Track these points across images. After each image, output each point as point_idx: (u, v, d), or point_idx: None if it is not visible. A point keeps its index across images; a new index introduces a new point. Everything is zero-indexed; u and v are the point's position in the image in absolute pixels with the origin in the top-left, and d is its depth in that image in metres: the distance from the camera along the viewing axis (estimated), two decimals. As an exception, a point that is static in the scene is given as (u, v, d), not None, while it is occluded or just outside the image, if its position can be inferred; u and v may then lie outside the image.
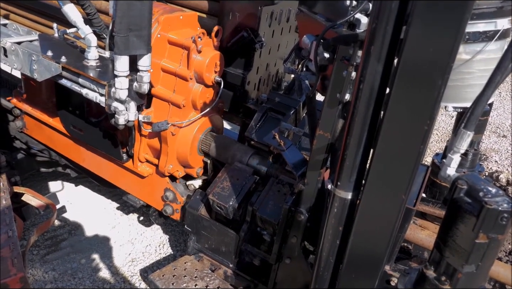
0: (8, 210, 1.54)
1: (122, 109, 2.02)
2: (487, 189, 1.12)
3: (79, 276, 2.71)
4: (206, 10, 2.60)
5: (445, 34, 0.97)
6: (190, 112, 2.29)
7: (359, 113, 1.18)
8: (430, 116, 1.07)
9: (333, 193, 1.34)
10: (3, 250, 1.31)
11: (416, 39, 1.00)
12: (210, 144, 2.39)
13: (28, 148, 3.18)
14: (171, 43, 2.16)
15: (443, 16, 0.96)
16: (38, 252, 2.92)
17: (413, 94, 1.06)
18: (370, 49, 1.10)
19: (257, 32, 2.42)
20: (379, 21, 1.06)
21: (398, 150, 1.14)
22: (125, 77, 1.96)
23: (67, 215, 3.34)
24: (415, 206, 1.78)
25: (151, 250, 2.96)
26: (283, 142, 2.06)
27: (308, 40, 1.70)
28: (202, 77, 2.18)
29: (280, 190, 2.16)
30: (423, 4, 0.95)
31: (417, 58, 1.02)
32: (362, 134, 1.21)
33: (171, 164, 2.35)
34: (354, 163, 1.25)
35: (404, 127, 1.11)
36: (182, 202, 2.46)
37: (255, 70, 2.57)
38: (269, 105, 2.42)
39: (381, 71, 1.11)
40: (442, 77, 1.02)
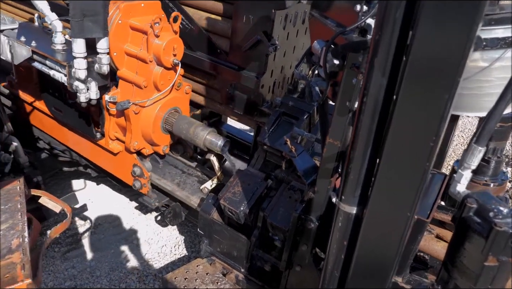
0: (21, 215, 1.58)
1: (83, 88, 2.19)
2: (498, 209, 1.06)
3: (97, 274, 2.77)
4: (221, 12, 2.59)
5: (455, 38, 0.91)
6: (153, 93, 2.42)
7: (363, 126, 1.14)
8: (436, 130, 1.01)
9: (337, 206, 1.31)
10: (14, 256, 1.35)
11: (423, 45, 0.95)
12: (173, 123, 2.48)
13: (51, 148, 3.28)
14: (132, 28, 2.30)
15: (452, 18, 0.90)
16: (59, 249, 3.01)
17: (419, 107, 1.01)
18: (374, 61, 1.06)
19: (270, 35, 2.39)
20: (383, 32, 1.02)
21: (404, 164, 1.09)
22: (83, 58, 2.12)
23: (88, 213, 3.42)
24: (429, 218, 1.72)
25: (167, 250, 3.00)
26: (295, 148, 2.03)
27: (319, 46, 1.66)
28: (161, 60, 2.31)
29: (292, 196, 2.13)
30: (431, 4, 0.90)
31: (423, 69, 0.98)
32: (366, 148, 1.16)
33: (136, 140, 2.49)
34: (359, 177, 1.21)
35: (410, 142, 1.06)
36: (148, 176, 2.63)
37: (269, 73, 2.55)
38: (282, 110, 2.39)
39: (386, 84, 1.07)
40: (449, 90, 0.97)
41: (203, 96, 2.92)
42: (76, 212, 3.41)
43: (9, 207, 1.62)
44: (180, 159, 2.93)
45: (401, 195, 1.12)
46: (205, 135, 2.41)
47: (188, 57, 2.74)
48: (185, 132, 2.46)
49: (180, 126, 2.47)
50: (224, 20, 2.59)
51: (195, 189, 2.68)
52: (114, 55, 2.27)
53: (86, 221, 3.33)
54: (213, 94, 2.85)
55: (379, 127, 1.13)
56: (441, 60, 0.96)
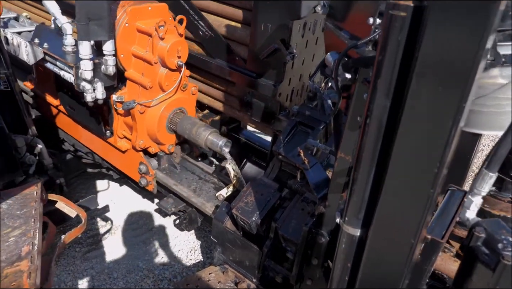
0: (34, 221, 1.63)
1: (89, 88, 2.31)
2: (507, 240, 1.00)
3: (114, 276, 2.83)
4: (241, 19, 2.58)
5: (464, 51, 0.85)
6: (158, 93, 2.50)
7: (367, 149, 1.10)
8: (441, 156, 0.97)
9: (341, 227, 1.27)
10: (22, 263, 1.39)
11: (429, 60, 0.90)
12: (177, 123, 2.56)
13: (75, 150, 3.38)
14: (139, 31, 2.37)
15: (461, 29, 0.85)
16: (80, 249, 3.09)
17: (422, 134, 0.97)
18: (377, 83, 1.02)
19: (288, 44, 2.36)
20: (386, 53, 0.98)
21: (407, 191, 1.05)
22: (89, 60, 2.22)
23: (109, 214, 3.50)
24: (444, 238, 1.65)
25: (183, 255, 3.03)
26: (308, 160, 2.00)
27: (331, 58, 1.62)
28: (165, 62, 2.38)
29: (304, 208, 2.10)
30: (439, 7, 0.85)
31: (425, 97, 0.93)
32: (369, 171, 1.13)
33: (142, 139, 2.60)
34: (362, 200, 1.17)
35: (414, 167, 1.02)
36: (153, 174, 2.74)
37: (287, 81, 2.52)
38: (298, 119, 2.35)
39: (389, 106, 1.03)
40: (453, 119, 0.92)
41: (222, 102, 2.93)
42: (98, 213, 3.50)
43: (24, 212, 1.68)
44: (198, 165, 2.95)
45: (404, 223, 1.08)
46: (206, 135, 2.47)
47: (207, 64, 2.75)
48: (188, 132, 2.53)
49: (184, 126, 2.54)
50: (243, 27, 2.59)
51: (210, 195, 2.69)
52: (121, 57, 2.36)
53: (107, 222, 3.41)
54: (231, 101, 2.85)
55: (383, 150, 1.09)
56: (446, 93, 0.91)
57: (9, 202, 1.77)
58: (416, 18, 0.92)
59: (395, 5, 0.93)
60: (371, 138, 1.09)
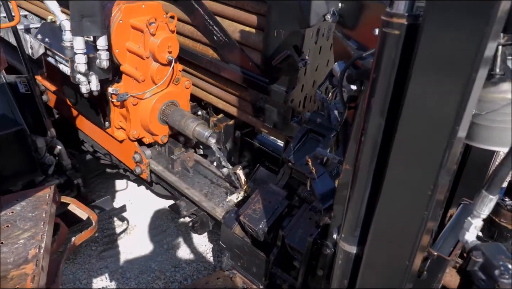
0: (44, 224, 1.68)
1: (84, 80, 2.45)
2: (505, 266, 0.96)
3: (127, 276, 2.89)
4: (255, 25, 2.58)
5: (463, 55, 0.82)
6: (150, 87, 2.63)
7: (362, 167, 1.08)
8: (434, 179, 0.94)
9: (338, 244, 1.26)
10: (28, 266, 1.44)
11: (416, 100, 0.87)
12: (168, 114, 2.69)
13: (94, 151, 3.46)
14: (133, 27, 2.50)
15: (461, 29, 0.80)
16: (96, 248, 3.17)
17: (415, 156, 0.94)
18: (371, 101, 1.00)
19: (301, 50, 2.34)
20: (380, 71, 0.96)
21: (401, 213, 1.02)
22: (82, 54, 2.35)
23: (126, 214, 3.58)
24: (451, 256, 1.60)
25: (194, 257, 3.06)
26: (315, 169, 1.98)
27: (338, 68, 1.60)
28: (156, 56, 2.50)
29: (312, 217, 2.08)
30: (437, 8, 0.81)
31: (417, 119, 0.91)
32: (365, 189, 1.10)
33: (135, 129, 2.74)
34: (358, 217, 1.15)
35: (408, 189, 0.99)
36: (146, 163, 2.90)
37: (299, 87, 2.50)
38: (309, 126, 2.33)
39: (384, 124, 1.01)
40: (445, 143, 0.89)
41: (236, 107, 2.94)
42: (115, 212, 3.58)
43: (35, 215, 1.74)
44: (211, 169, 2.97)
45: (398, 244, 1.05)
46: (194, 126, 2.59)
47: (221, 69, 2.77)
48: (178, 124, 2.65)
49: (174, 118, 2.67)
50: (257, 33, 2.58)
51: (221, 200, 2.70)
52: (116, 52, 2.50)
53: (123, 221, 3.48)
54: (245, 106, 2.85)
55: (378, 168, 1.06)
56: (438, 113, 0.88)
57: (23, 203, 1.84)
58: (410, 36, 0.90)
59: (389, 23, 0.91)
60: (366, 157, 1.07)
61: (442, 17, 0.79)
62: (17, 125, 2.69)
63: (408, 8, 0.89)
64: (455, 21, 0.78)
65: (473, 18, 0.76)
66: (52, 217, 1.84)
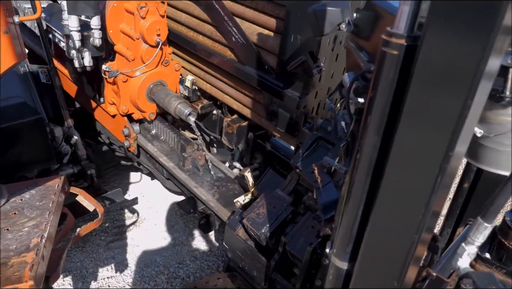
0: (49, 214, 1.73)
1: (77, 56, 2.70)
2: (495, 298, 0.93)
3: (132, 269, 2.94)
4: (274, 28, 2.58)
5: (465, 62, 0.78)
6: (140, 66, 2.84)
7: (356, 184, 1.07)
8: (426, 203, 0.92)
9: (330, 258, 1.25)
10: (28, 255, 1.48)
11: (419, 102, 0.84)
12: (155, 93, 2.89)
13: (110, 143, 3.53)
14: (126, 10, 2.70)
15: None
16: (105, 238, 3.24)
17: (407, 179, 0.93)
18: (368, 120, 0.99)
19: (316, 57, 2.33)
20: (378, 90, 0.94)
21: (392, 233, 1.01)
22: (76, 31, 2.60)
23: (137, 207, 3.64)
24: (450, 278, 1.56)
25: (198, 255, 3.08)
26: (321, 178, 1.96)
27: (348, 79, 1.59)
28: (145, 38, 2.71)
29: (315, 226, 2.06)
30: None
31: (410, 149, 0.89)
32: (358, 206, 1.09)
33: (125, 105, 2.94)
34: (351, 234, 1.14)
35: (399, 211, 0.98)
36: (133, 137, 3.10)
37: (313, 94, 2.49)
38: (320, 134, 2.32)
39: (379, 144, 0.99)
40: (440, 165, 0.87)
41: (250, 109, 2.95)
42: (127, 204, 3.64)
43: (42, 204, 1.79)
44: (221, 169, 2.99)
45: (387, 265, 1.03)
46: (176, 104, 2.76)
47: (237, 70, 2.78)
48: (162, 101, 2.84)
49: (160, 96, 2.86)
50: (275, 36, 2.58)
51: (229, 201, 2.71)
52: (110, 33, 2.71)
53: (134, 214, 3.54)
54: (258, 109, 2.86)
55: (372, 186, 1.05)
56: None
57: (33, 192, 1.89)
58: (409, 57, 0.88)
59: (388, 42, 0.89)
60: (360, 174, 1.05)
61: (443, 28, 0.77)
62: (37, 114, 2.77)
63: (409, 29, 0.87)
64: (456, 31, 0.76)
65: (473, 29, 0.74)
66: (59, 207, 1.89)
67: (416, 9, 0.86)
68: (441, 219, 3.57)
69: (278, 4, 2.46)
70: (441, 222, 1.98)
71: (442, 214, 3.66)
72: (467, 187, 1.79)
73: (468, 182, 1.77)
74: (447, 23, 0.76)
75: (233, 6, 2.72)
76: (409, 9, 0.86)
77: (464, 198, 1.84)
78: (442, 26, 0.77)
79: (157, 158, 3.01)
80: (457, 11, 0.74)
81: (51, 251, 1.69)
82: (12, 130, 2.63)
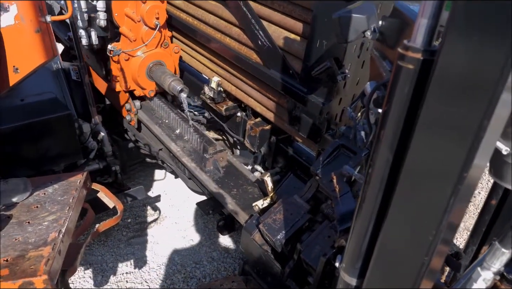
0: (68, 210, 1.78)
1: (83, 34, 3.03)
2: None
3: (150, 266, 2.99)
4: (300, 33, 2.55)
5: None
6: (140, 45, 3.10)
7: (367, 200, 1.04)
8: (437, 224, 0.88)
9: (339, 272, 1.21)
10: (45, 249, 1.53)
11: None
12: (154, 71, 3.15)
13: (136, 140, 3.60)
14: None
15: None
16: (126, 234, 3.31)
17: (417, 204, 0.89)
18: (381, 134, 0.95)
19: (341, 63, 2.28)
20: (392, 105, 0.91)
21: (400, 255, 0.97)
22: (84, 12, 2.90)
23: (159, 204, 3.69)
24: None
25: (216, 256, 3.09)
26: (339, 188, 1.92)
27: (369, 88, 1.55)
28: (145, 20, 2.96)
29: (331, 236, 2.03)
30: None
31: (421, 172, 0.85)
32: (369, 223, 1.06)
33: (127, 82, 3.22)
34: (360, 250, 1.11)
35: (408, 232, 0.94)
36: (134, 111, 3.43)
37: (337, 101, 2.44)
38: (342, 142, 2.27)
39: (392, 160, 0.96)
40: (454, 186, 0.83)
41: (273, 113, 2.93)
42: (150, 201, 3.71)
43: (63, 199, 1.84)
44: (242, 172, 2.99)
45: (397, 284, 1.00)
46: (170, 81, 3.01)
47: (262, 73, 2.77)
48: (159, 79, 3.11)
49: (157, 74, 3.13)
50: (301, 41, 2.55)
51: (247, 204, 2.71)
52: (115, 16, 2.96)
53: (156, 211, 3.60)
54: (282, 113, 2.84)
55: (384, 202, 1.01)
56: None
57: (56, 186, 1.95)
58: (425, 72, 0.85)
59: (403, 56, 0.86)
60: (372, 190, 1.02)
61: (463, 36, 0.73)
62: (66, 110, 2.86)
63: (426, 43, 0.83)
64: (477, 40, 0.72)
65: (495, 37, 0.69)
66: (80, 202, 1.94)
67: (434, 22, 0.82)
68: (467, 233, 3.43)
69: (306, 8, 2.43)
70: (467, 238, 1.90)
71: (468, 228, 3.51)
72: (495, 204, 1.71)
73: (496, 199, 1.69)
74: (467, 30, 0.72)
75: (260, 9, 2.71)
76: (427, 22, 0.83)
77: (491, 215, 1.76)
78: (462, 34, 0.73)
79: (179, 158, 3.04)
80: (478, 18, 0.70)
81: (70, 245, 1.74)
82: (43, 125, 2.72)
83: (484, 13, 0.69)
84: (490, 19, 0.69)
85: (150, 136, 3.44)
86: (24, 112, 2.68)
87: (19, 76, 1.94)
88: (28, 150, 2.69)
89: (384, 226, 0.98)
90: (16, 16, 1.84)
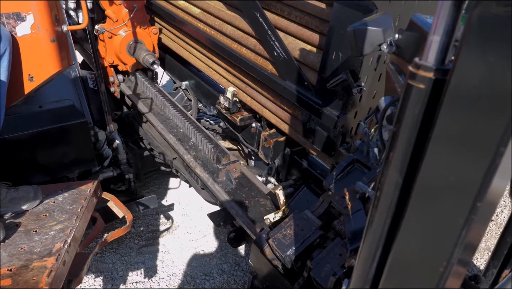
0: (76, 220, 1.77)
1: (73, 15, 3.42)
2: None
3: (160, 276, 2.96)
4: (317, 44, 2.52)
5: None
6: (123, 26, 3.59)
7: (375, 224, 0.98)
8: (449, 256, 0.82)
9: (346, 297, 1.16)
10: (49, 260, 1.52)
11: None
12: (132, 48, 3.62)
13: (151, 149, 3.61)
14: None
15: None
16: (138, 242, 3.30)
17: (428, 229, 0.83)
18: (390, 155, 0.90)
19: (357, 76, 2.23)
20: (402, 125, 0.86)
21: (411, 280, 0.91)
22: None
23: (172, 213, 3.68)
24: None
25: (226, 269, 3.05)
26: (351, 204, 1.86)
27: (384, 104, 1.49)
28: (124, 3, 3.44)
29: (343, 254, 1.96)
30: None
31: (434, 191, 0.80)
32: (377, 248, 1.00)
33: (110, 57, 3.72)
34: (368, 275, 1.05)
35: (418, 258, 0.88)
36: (117, 83, 3.94)
37: (352, 114, 2.39)
38: (357, 156, 2.21)
39: (402, 183, 0.90)
40: (467, 217, 0.77)
41: (287, 124, 2.90)
42: (163, 210, 3.70)
43: (72, 208, 1.84)
44: (255, 183, 2.95)
45: (404, 315, 0.93)
46: (144, 55, 3.51)
47: (277, 85, 2.74)
48: (136, 54, 3.61)
49: (135, 50, 3.62)
50: (317, 52, 2.52)
51: (259, 217, 2.66)
52: (101, 0, 3.48)
53: (168, 220, 3.59)
54: (296, 125, 2.80)
55: (392, 229, 0.96)
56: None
57: (66, 194, 1.95)
58: (437, 92, 0.79)
59: (414, 75, 0.81)
60: (380, 214, 0.96)
61: (478, 48, 0.68)
62: (83, 117, 2.88)
63: (439, 61, 0.78)
64: (495, 49, 0.66)
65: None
66: (89, 211, 1.93)
67: (448, 40, 0.77)
68: (488, 254, 3.28)
69: (323, 20, 2.39)
70: (487, 259, 1.81)
71: (489, 248, 3.35)
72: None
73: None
74: (484, 43, 0.67)
75: (277, 20, 2.69)
76: (439, 40, 0.78)
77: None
78: (478, 46, 0.68)
79: (192, 168, 3.03)
80: (494, 26, 0.65)
81: (76, 254, 1.73)
82: (59, 132, 2.75)
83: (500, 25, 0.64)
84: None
85: (165, 145, 3.44)
86: (41, 119, 2.71)
87: (34, 84, 1.95)
88: (44, 156, 2.72)
89: (394, 247, 0.92)
90: (33, 26, 1.86)
